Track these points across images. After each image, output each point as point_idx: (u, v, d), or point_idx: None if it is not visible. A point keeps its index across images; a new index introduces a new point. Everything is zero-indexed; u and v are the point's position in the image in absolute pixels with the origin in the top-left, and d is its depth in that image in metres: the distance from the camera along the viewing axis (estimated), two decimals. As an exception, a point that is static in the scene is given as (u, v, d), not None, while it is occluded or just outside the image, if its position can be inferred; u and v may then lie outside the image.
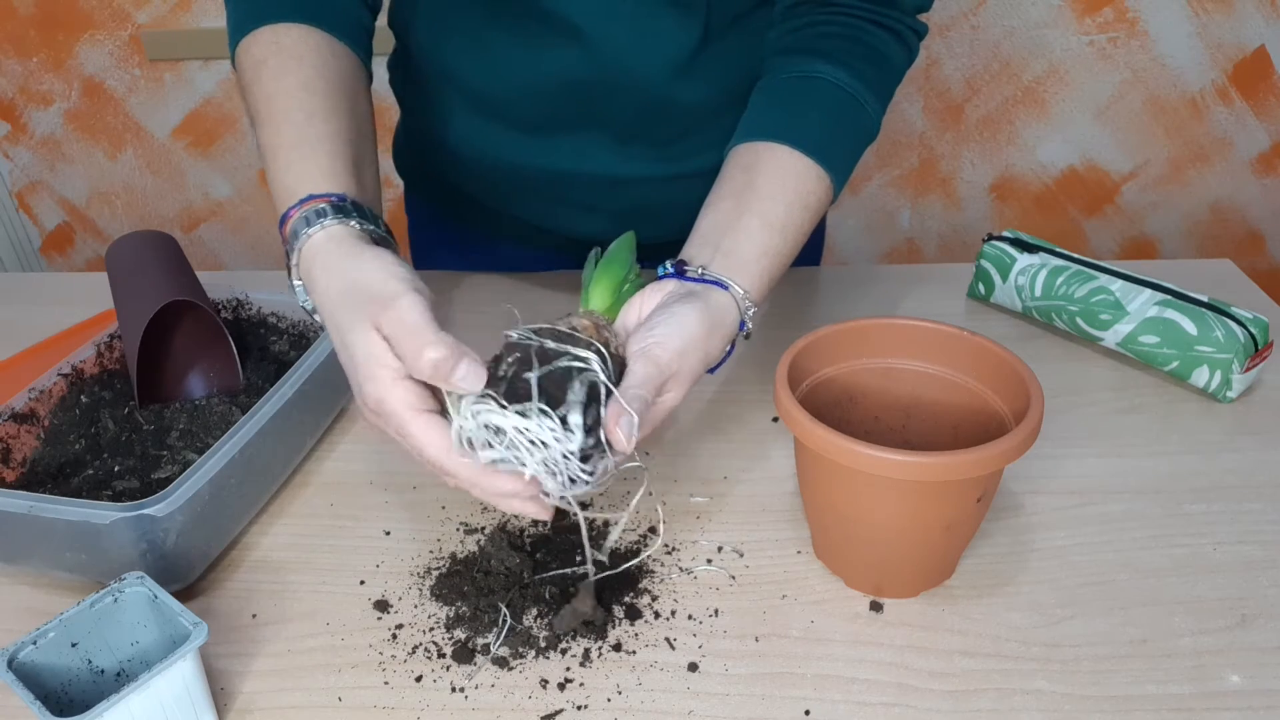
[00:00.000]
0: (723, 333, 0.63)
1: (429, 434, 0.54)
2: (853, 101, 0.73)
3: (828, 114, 0.72)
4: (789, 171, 0.69)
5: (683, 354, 0.59)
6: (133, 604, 0.57)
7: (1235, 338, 0.78)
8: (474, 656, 0.60)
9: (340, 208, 0.61)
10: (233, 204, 2.15)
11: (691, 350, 0.59)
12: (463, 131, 0.90)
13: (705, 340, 0.60)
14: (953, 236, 2.09)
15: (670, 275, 0.65)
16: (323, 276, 0.59)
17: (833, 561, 0.66)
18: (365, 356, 0.55)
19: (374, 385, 0.55)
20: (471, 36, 0.83)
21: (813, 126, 0.71)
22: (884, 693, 0.57)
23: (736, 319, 0.64)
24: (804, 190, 0.69)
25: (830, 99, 0.73)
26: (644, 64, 0.80)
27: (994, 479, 0.60)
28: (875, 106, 0.74)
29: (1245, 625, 0.60)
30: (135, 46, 1.97)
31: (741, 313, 0.64)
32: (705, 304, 0.62)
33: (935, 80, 1.90)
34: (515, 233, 1.00)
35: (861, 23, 0.74)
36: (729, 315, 0.63)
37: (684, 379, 0.59)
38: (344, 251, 0.59)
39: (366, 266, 0.58)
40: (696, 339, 0.60)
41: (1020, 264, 0.91)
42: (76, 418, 0.75)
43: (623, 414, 0.54)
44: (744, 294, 0.64)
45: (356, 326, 0.56)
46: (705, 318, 0.61)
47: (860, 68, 0.73)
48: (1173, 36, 1.82)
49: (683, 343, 0.59)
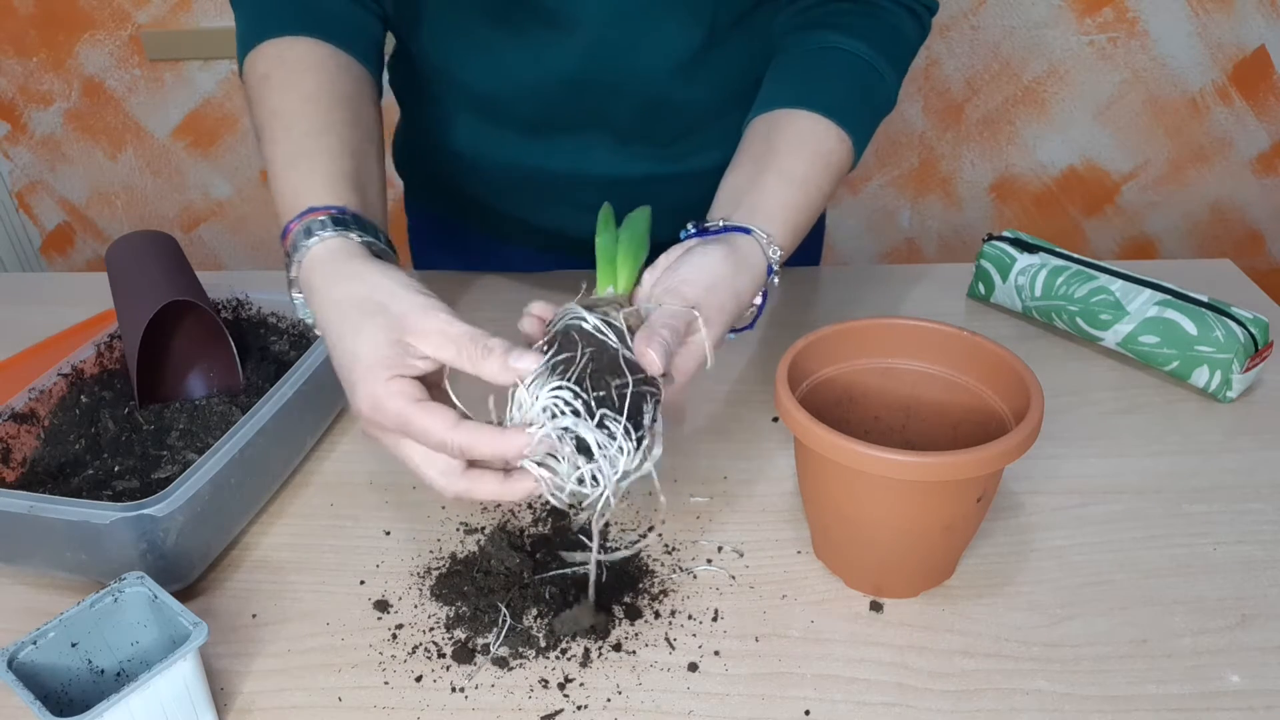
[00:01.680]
0: (750, 274, 0.62)
1: (432, 417, 0.53)
2: (871, 70, 0.73)
3: (846, 80, 0.73)
4: (807, 132, 0.69)
5: (711, 289, 0.58)
6: (133, 604, 0.57)
7: (1235, 338, 0.78)
8: (474, 656, 0.60)
9: (340, 220, 0.61)
10: (233, 204, 2.15)
11: (720, 286, 0.59)
12: (463, 131, 0.90)
13: (733, 278, 0.60)
14: (953, 236, 2.09)
15: (692, 235, 0.64)
16: (323, 287, 0.59)
17: (833, 561, 0.66)
18: (371, 361, 0.54)
19: (369, 387, 0.54)
20: (473, 36, 0.83)
21: (831, 91, 0.71)
22: (884, 693, 0.57)
23: (764, 262, 0.63)
24: (824, 149, 0.69)
25: (849, 67, 0.73)
26: (647, 64, 0.80)
27: (994, 479, 0.60)
28: (893, 76, 0.74)
29: (1245, 625, 0.60)
30: (135, 46, 1.97)
31: (768, 257, 0.63)
32: (730, 246, 0.61)
33: (935, 80, 1.90)
34: (515, 233, 1.00)
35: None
36: (754, 257, 0.63)
37: (715, 317, 0.58)
38: (344, 263, 0.59)
39: (373, 279, 0.57)
40: (723, 276, 0.59)
41: (1020, 264, 0.91)
42: (76, 418, 0.75)
43: (654, 336, 0.53)
44: (768, 238, 0.63)
45: (363, 332, 0.55)
46: (730, 256, 0.60)
47: (876, 39, 0.74)
48: (1173, 36, 1.82)
49: (710, 278, 0.58)
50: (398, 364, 0.54)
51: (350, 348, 0.55)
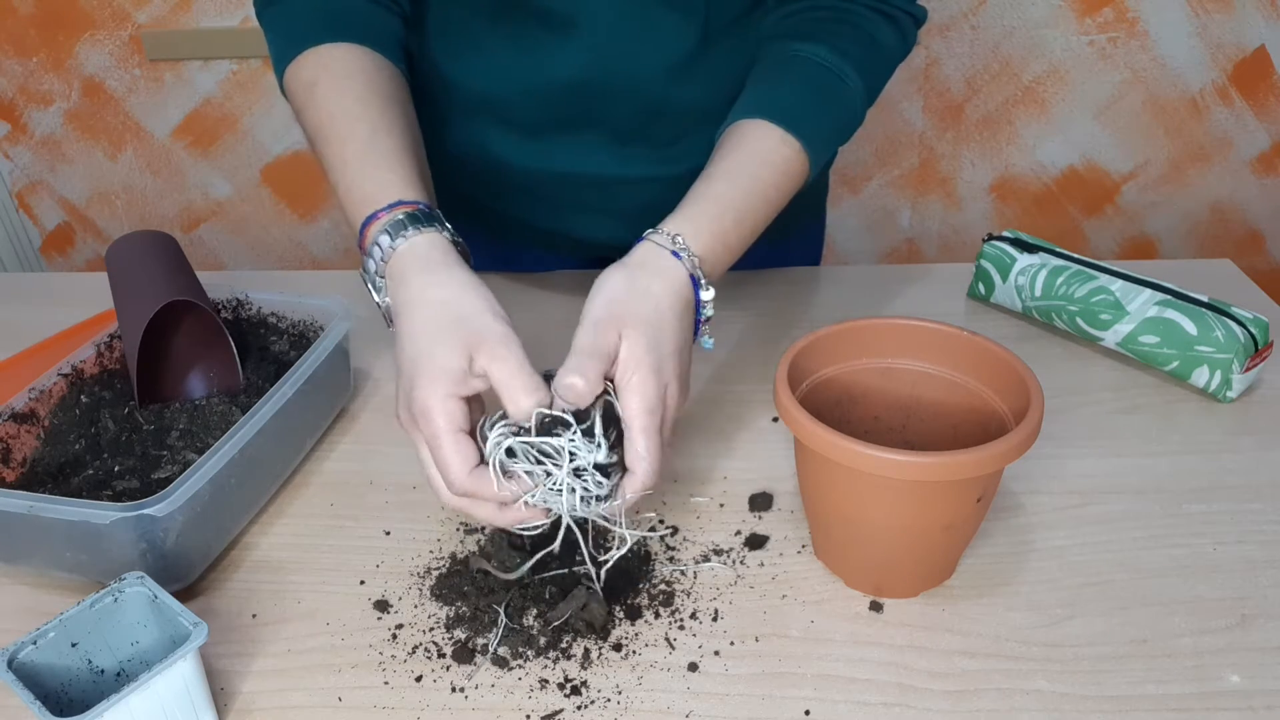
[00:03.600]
0: (651, 271, 0.62)
1: (457, 454, 0.57)
2: (828, 74, 0.73)
3: (799, 84, 0.73)
4: (746, 134, 0.70)
5: (611, 300, 0.60)
6: (133, 604, 0.57)
7: (1235, 338, 0.78)
8: (474, 656, 0.60)
9: (431, 215, 0.64)
10: (233, 204, 2.15)
11: (619, 297, 0.60)
12: (461, 133, 0.90)
13: (628, 283, 0.61)
14: (953, 236, 2.09)
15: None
16: (417, 282, 0.61)
17: (833, 561, 0.66)
18: (442, 369, 0.57)
19: (428, 392, 0.57)
20: (470, 38, 0.83)
21: (781, 96, 0.72)
22: (884, 693, 0.57)
23: (665, 255, 0.63)
24: (761, 148, 0.69)
25: (804, 71, 0.73)
26: (643, 65, 0.80)
27: (994, 479, 0.60)
28: (856, 81, 0.74)
29: (1245, 625, 0.60)
30: (135, 46, 1.97)
31: (673, 248, 0.63)
32: (621, 262, 0.63)
33: (935, 80, 1.90)
34: (514, 233, 1.00)
35: (854, 6, 0.75)
36: (651, 256, 0.63)
37: (631, 322, 0.59)
38: (439, 263, 0.62)
39: (465, 294, 0.60)
40: (617, 285, 0.61)
41: (1020, 264, 0.91)
42: (76, 418, 0.75)
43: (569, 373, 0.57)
44: (670, 236, 0.63)
45: (446, 341, 0.58)
46: (618, 269, 0.62)
47: (842, 45, 0.74)
48: (1173, 36, 1.82)
49: (608, 292, 0.60)
50: (461, 383, 0.57)
51: (427, 348, 0.58)
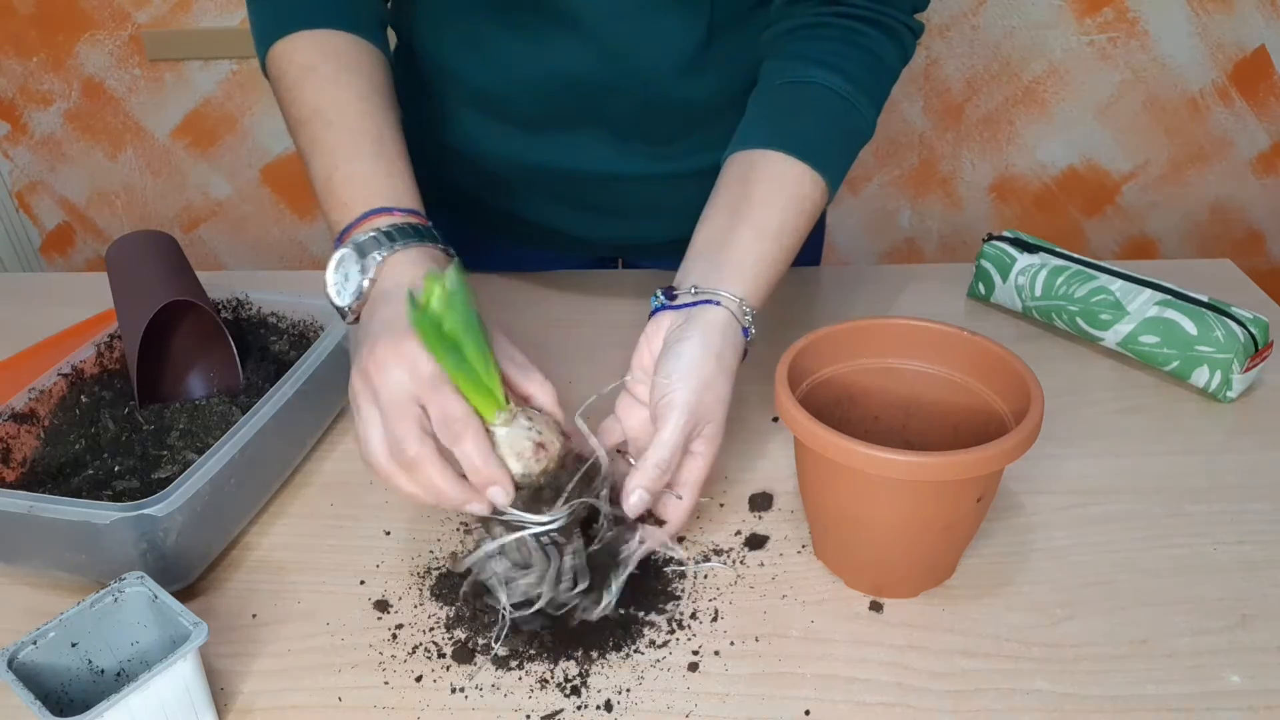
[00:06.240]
0: (733, 349, 0.64)
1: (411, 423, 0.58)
2: (845, 104, 0.73)
3: (821, 118, 0.73)
4: (783, 177, 0.70)
5: (704, 388, 0.61)
6: (133, 604, 0.57)
7: (1235, 338, 0.78)
8: (474, 656, 0.60)
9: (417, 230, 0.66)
10: (233, 204, 2.15)
11: (711, 383, 0.62)
12: (462, 128, 0.90)
13: (718, 367, 0.63)
14: (953, 236, 2.09)
15: (663, 308, 0.66)
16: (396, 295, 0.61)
17: (833, 561, 0.66)
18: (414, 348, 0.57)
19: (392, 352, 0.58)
20: (473, 32, 0.83)
21: (806, 131, 0.72)
22: (884, 693, 0.57)
23: (738, 328, 0.65)
24: (799, 195, 0.70)
25: (823, 103, 0.73)
26: (647, 61, 0.80)
27: (994, 479, 0.60)
28: (869, 109, 0.75)
29: (1245, 625, 0.60)
30: (135, 46, 1.97)
31: (740, 320, 0.65)
32: (705, 332, 0.63)
33: (935, 80, 1.90)
34: (513, 231, 1.00)
35: (857, 23, 0.75)
36: (731, 329, 0.64)
37: (713, 415, 0.62)
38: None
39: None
40: (708, 371, 0.62)
41: (1020, 264, 0.91)
42: (76, 418, 0.75)
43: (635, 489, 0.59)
44: (740, 301, 0.65)
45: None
46: (708, 345, 0.63)
47: (854, 72, 0.74)
48: (1173, 36, 1.82)
49: (699, 379, 0.61)
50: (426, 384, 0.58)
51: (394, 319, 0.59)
